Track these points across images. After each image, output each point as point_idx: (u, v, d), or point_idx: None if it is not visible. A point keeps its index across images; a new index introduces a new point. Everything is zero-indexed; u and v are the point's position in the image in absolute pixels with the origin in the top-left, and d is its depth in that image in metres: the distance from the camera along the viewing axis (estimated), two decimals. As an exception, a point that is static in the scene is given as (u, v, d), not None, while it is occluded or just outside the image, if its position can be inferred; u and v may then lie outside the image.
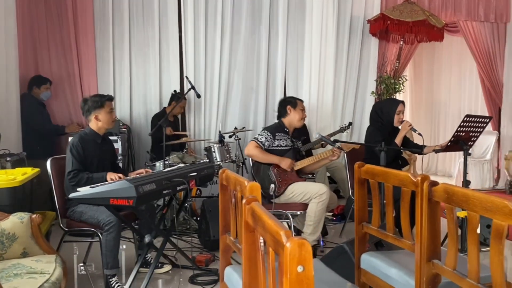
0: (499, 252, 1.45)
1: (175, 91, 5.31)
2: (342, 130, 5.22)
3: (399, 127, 3.89)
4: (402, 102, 4.01)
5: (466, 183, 3.56)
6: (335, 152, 3.63)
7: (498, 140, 6.59)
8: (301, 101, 3.93)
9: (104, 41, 5.32)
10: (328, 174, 5.22)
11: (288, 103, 3.84)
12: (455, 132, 3.46)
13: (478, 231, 1.54)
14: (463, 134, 3.50)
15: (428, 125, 8.09)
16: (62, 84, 5.25)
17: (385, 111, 3.93)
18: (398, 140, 3.81)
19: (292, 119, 3.82)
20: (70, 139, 4.23)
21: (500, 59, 6.35)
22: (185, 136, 5.16)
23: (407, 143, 3.99)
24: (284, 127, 3.81)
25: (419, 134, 3.76)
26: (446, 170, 7.79)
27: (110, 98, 3.28)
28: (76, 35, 5.22)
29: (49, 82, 4.85)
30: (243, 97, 5.73)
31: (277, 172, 3.67)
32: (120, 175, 3.10)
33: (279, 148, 3.72)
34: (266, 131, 3.74)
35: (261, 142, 3.67)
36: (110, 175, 3.08)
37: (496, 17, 6.27)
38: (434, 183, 1.78)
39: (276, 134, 3.73)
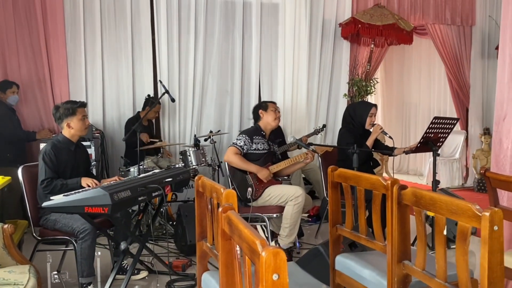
0: (464, 252, 1.52)
1: (149, 95, 5.28)
2: (316, 132, 5.30)
3: (370, 130, 3.99)
4: (375, 105, 4.13)
5: (435, 183, 3.67)
6: (308, 155, 3.70)
7: (466, 139, 6.81)
8: (273, 102, 4.03)
9: (76, 44, 5.23)
10: (303, 176, 5.29)
11: (259, 107, 3.94)
12: (424, 134, 3.57)
13: (445, 232, 1.61)
14: (432, 135, 3.61)
15: (399, 126, 8.29)
16: (33, 89, 5.13)
17: (358, 113, 4.04)
18: (369, 142, 3.92)
19: (266, 121, 3.88)
20: (41, 145, 4.17)
21: (467, 61, 6.57)
22: (160, 142, 5.14)
23: (378, 145, 4.10)
24: (260, 131, 3.86)
25: (390, 137, 3.91)
26: (418, 169, 7.99)
27: (83, 105, 3.23)
28: (46, 39, 5.10)
29: (15, 85, 4.72)
30: (218, 101, 5.74)
31: (253, 176, 3.71)
32: (94, 180, 3.07)
33: (257, 152, 3.76)
34: (244, 135, 3.78)
35: (240, 146, 3.71)
36: (86, 181, 3.05)
37: (462, 20, 6.49)
38: (403, 187, 1.85)
39: (254, 137, 3.78)
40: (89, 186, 2.99)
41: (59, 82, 5.18)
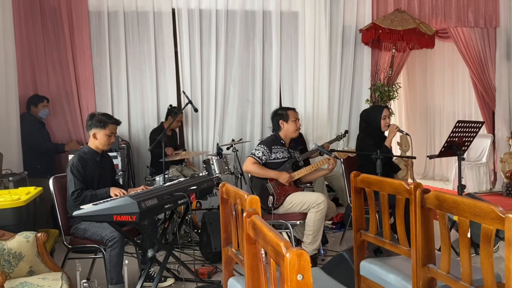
0: (488, 255, 1.52)
1: (170, 105, 5.39)
2: (338, 138, 5.30)
3: (386, 132, 4.08)
4: (386, 107, 4.26)
5: (461, 187, 3.63)
6: (330, 160, 3.70)
7: (493, 142, 6.68)
8: (293, 110, 3.96)
9: (101, 58, 5.40)
10: (326, 183, 5.28)
11: (280, 117, 3.87)
12: (448, 138, 3.54)
13: (469, 235, 1.61)
14: (456, 139, 3.57)
15: (424, 131, 8.19)
16: (61, 103, 5.32)
17: (371, 117, 4.14)
18: (388, 143, 3.99)
19: (287, 132, 3.86)
20: (70, 157, 4.31)
21: (492, 63, 6.46)
22: (184, 150, 5.23)
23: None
24: (280, 139, 3.86)
25: (407, 134, 4.09)
26: (443, 174, 7.86)
27: (116, 122, 3.31)
28: (73, 54, 5.30)
29: (46, 99, 4.91)
30: (239, 109, 5.81)
31: (274, 184, 3.72)
32: (123, 191, 3.15)
33: (277, 161, 3.77)
34: (262, 146, 3.79)
35: (258, 157, 3.72)
36: (114, 191, 3.14)
37: (485, 22, 6.39)
38: (426, 191, 1.85)
39: (273, 147, 3.78)
40: (117, 196, 3.07)
41: (86, 95, 5.35)
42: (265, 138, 4.02)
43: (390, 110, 6.19)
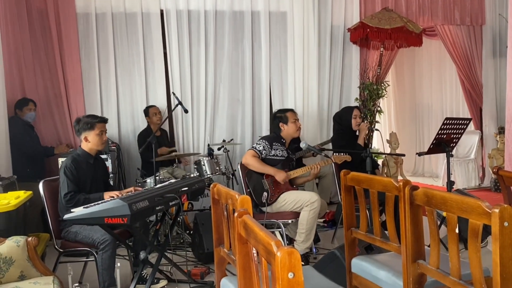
0: (476, 249, 1.54)
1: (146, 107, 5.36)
2: (330, 140, 5.31)
3: (357, 131, 4.29)
4: (357, 107, 4.48)
5: (450, 184, 3.67)
6: (314, 166, 3.82)
7: (481, 139, 6.76)
8: (291, 111, 4.02)
9: (90, 61, 5.38)
10: (316, 181, 5.30)
11: (279, 119, 3.94)
12: (436, 135, 3.58)
13: (457, 230, 1.64)
14: (445, 136, 3.62)
15: (413, 128, 8.26)
16: (50, 106, 5.28)
17: (343, 118, 4.39)
18: (360, 141, 4.23)
19: (287, 132, 3.94)
20: (60, 160, 4.28)
21: (478, 61, 6.54)
22: (175, 151, 5.22)
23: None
24: (281, 138, 3.93)
25: (377, 129, 4.63)
26: (433, 171, 7.94)
27: (103, 120, 3.31)
28: (61, 56, 5.26)
29: (32, 102, 4.86)
30: (229, 110, 5.82)
31: (270, 180, 3.76)
32: (117, 193, 3.14)
33: (275, 158, 3.82)
34: (264, 140, 3.85)
35: (259, 150, 3.77)
36: (108, 194, 3.12)
37: (471, 20, 6.47)
38: (415, 188, 1.88)
39: (274, 143, 3.84)
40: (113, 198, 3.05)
41: (74, 98, 5.32)
42: (268, 134, 4.10)
43: (379, 108, 6.25)
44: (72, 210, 2.83)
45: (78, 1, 5.29)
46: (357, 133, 4.37)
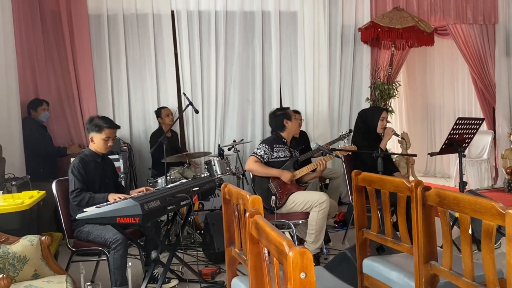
0: (490, 250, 1.53)
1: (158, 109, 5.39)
2: (342, 138, 5.30)
3: (382, 134, 4.12)
4: (386, 109, 4.31)
5: (462, 184, 3.63)
6: (320, 162, 3.75)
7: (494, 139, 6.68)
8: (288, 108, 4.05)
9: (101, 61, 5.43)
10: (327, 182, 5.28)
11: (284, 116, 3.91)
12: (448, 135, 3.54)
13: (470, 231, 1.62)
14: (457, 136, 3.58)
15: (424, 128, 8.19)
16: (62, 106, 5.34)
17: (369, 117, 4.20)
18: (382, 145, 4.05)
19: (291, 129, 3.92)
20: (72, 160, 4.32)
21: (491, 60, 6.47)
22: (185, 152, 5.24)
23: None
24: (281, 138, 3.89)
25: (402, 138, 4.30)
26: (445, 171, 7.87)
27: (112, 127, 3.28)
28: (74, 57, 5.32)
29: (45, 103, 4.92)
30: (240, 110, 5.83)
31: (276, 183, 3.74)
32: (121, 195, 3.13)
33: (278, 160, 3.79)
34: (264, 144, 3.82)
35: (260, 155, 3.74)
36: (113, 196, 3.12)
37: (484, 19, 6.40)
38: (427, 188, 1.86)
39: (274, 146, 3.81)
40: (116, 201, 3.06)
41: (87, 98, 5.37)
42: (267, 138, 4.05)
43: (390, 108, 6.20)
44: (84, 210, 2.86)
45: (90, 2, 5.34)
46: (380, 135, 4.21)
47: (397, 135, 4.13)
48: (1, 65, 4.24)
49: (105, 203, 2.90)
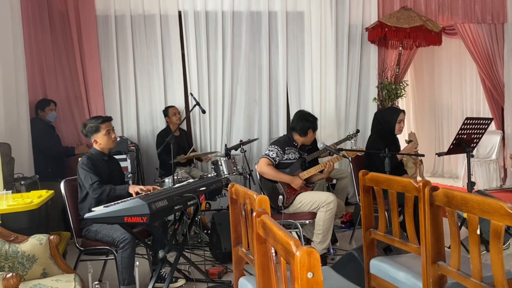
0: (498, 251, 1.52)
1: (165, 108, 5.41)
2: (349, 138, 5.28)
3: (398, 136, 4.07)
4: (403, 111, 4.15)
5: (470, 184, 3.61)
6: (327, 164, 3.75)
7: (503, 139, 6.63)
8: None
9: (109, 62, 5.46)
10: (334, 182, 5.27)
11: (311, 125, 3.89)
12: (456, 135, 3.52)
13: (478, 232, 1.61)
14: (465, 136, 3.56)
15: (432, 128, 8.14)
16: (70, 106, 5.38)
17: (386, 119, 4.08)
18: (399, 156, 3.97)
19: (307, 140, 3.94)
20: (80, 159, 4.36)
21: (500, 59, 6.41)
22: (194, 150, 5.26)
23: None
24: (293, 141, 3.92)
25: (421, 161, 3.98)
26: (453, 171, 7.82)
27: (106, 119, 3.31)
28: (82, 58, 5.36)
29: (53, 103, 4.96)
30: (246, 110, 5.84)
31: (284, 183, 3.75)
32: (142, 186, 3.20)
33: (288, 161, 3.82)
34: (276, 146, 3.82)
35: (273, 158, 3.77)
36: (134, 188, 3.16)
37: (493, 18, 6.34)
38: (435, 188, 1.85)
39: (286, 148, 3.83)
40: (137, 194, 3.09)
41: (94, 98, 5.41)
42: (278, 138, 4.05)
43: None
44: (92, 209, 2.88)
45: (98, 3, 5.38)
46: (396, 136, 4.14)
47: (417, 155, 3.99)
48: (10, 65, 4.27)
49: (113, 203, 2.91)
